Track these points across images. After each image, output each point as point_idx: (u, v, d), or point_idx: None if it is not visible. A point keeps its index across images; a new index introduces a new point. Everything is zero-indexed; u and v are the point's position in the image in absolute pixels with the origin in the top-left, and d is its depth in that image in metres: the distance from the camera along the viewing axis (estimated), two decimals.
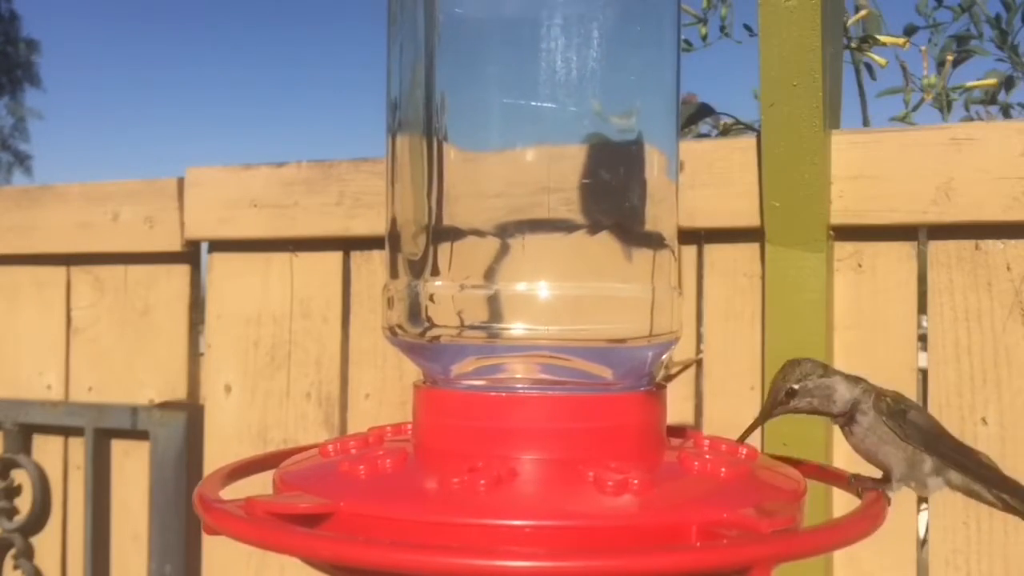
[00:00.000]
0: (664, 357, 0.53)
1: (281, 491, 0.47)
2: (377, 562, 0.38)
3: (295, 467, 0.50)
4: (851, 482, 0.53)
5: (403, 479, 0.46)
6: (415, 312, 0.50)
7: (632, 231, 0.51)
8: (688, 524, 0.41)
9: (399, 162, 0.51)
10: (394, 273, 0.51)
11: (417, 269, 0.50)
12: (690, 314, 0.93)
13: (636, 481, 0.43)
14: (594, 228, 0.50)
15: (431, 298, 0.49)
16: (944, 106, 1.37)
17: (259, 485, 0.51)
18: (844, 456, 0.86)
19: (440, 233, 0.50)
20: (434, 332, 0.50)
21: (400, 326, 0.51)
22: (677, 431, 0.56)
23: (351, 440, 0.51)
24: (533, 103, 0.49)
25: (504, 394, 0.48)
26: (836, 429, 0.86)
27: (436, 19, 0.51)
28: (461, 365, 0.50)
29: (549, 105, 0.49)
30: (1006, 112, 1.46)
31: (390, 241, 0.52)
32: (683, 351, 0.93)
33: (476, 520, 0.41)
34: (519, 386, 0.49)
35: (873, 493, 0.50)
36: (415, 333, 0.50)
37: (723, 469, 0.46)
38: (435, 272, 0.50)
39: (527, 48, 0.49)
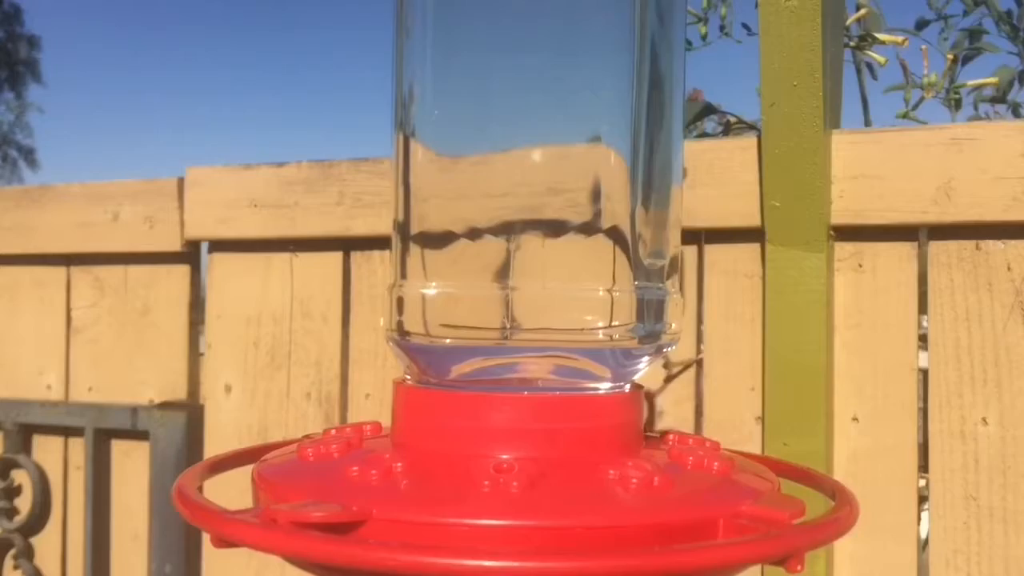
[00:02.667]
0: (661, 357, 0.53)
1: (269, 495, 0.45)
2: (439, 570, 0.36)
3: (285, 470, 0.48)
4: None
5: (425, 483, 0.44)
6: (420, 313, 0.50)
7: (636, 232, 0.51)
8: (715, 518, 0.42)
9: (409, 161, 0.51)
10: (402, 273, 0.51)
11: (422, 270, 0.50)
12: (690, 314, 0.93)
13: (656, 479, 0.43)
14: (595, 229, 0.50)
15: (436, 299, 0.49)
16: (951, 104, 1.36)
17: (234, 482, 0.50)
18: (844, 456, 0.86)
19: (445, 235, 0.49)
20: (440, 332, 0.49)
21: (404, 327, 0.51)
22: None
23: (332, 442, 0.49)
24: (534, 103, 0.49)
25: (512, 393, 0.48)
26: (837, 429, 0.86)
27: (427, 21, 0.51)
28: (465, 365, 0.49)
29: (554, 105, 0.49)
30: (1015, 111, 1.45)
31: (401, 241, 0.51)
32: (683, 351, 0.93)
33: (525, 522, 0.40)
34: (523, 386, 0.49)
35: (840, 487, 0.50)
36: (423, 334, 0.50)
37: (715, 464, 0.47)
38: (437, 273, 0.50)
39: (523, 48, 0.49)
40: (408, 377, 0.52)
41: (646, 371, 0.52)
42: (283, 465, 0.49)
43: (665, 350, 0.52)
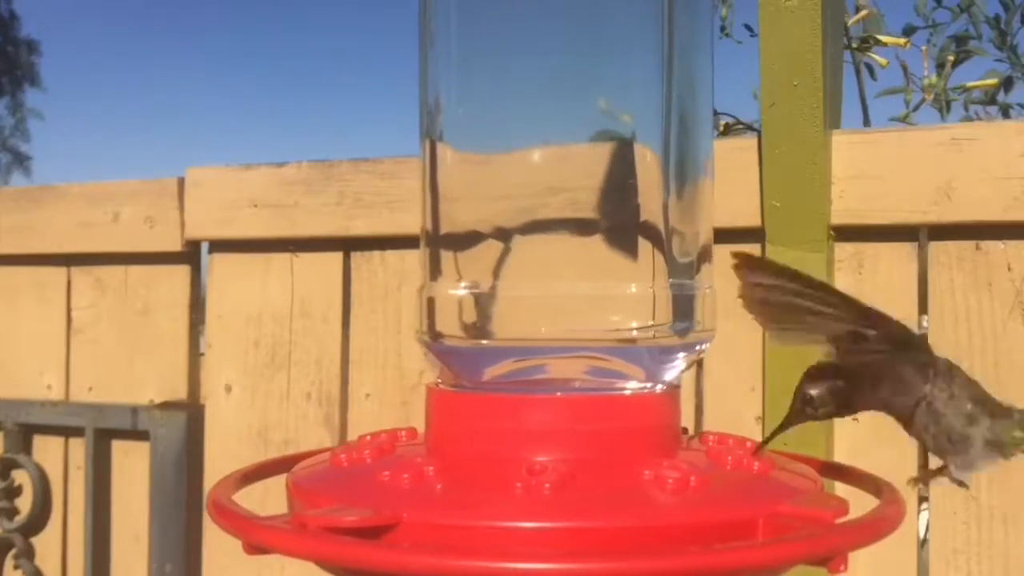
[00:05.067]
0: (697, 356, 0.52)
1: (302, 501, 0.45)
2: (470, 573, 0.36)
3: (318, 476, 0.48)
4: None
5: (457, 486, 0.44)
6: (453, 315, 0.49)
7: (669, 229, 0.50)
8: (754, 518, 0.42)
9: (437, 165, 0.51)
10: (432, 275, 0.51)
11: (454, 271, 0.50)
12: None
13: (693, 479, 0.43)
14: (627, 226, 0.49)
15: (468, 300, 0.49)
16: (943, 106, 1.37)
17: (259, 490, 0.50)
18: (845, 455, 0.86)
19: (476, 235, 0.49)
20: (473, 334, 0.49)
21: (436, 329, 0.50)
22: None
23: (365, 447, 0.49)
24: (562, 101, 0.49)
25: (546, 395, 0.47)
26: (837, 428, 0.86)
27: (452, 27, 0.51)
28: (498, 367, 0.49)
29: (585, 102, 0.49)
30: (1005, 112, 1.46)
31: (430, 243, 0.51)
32: None
33: (558, 524, 0.40)
34: (554, 387, 0.48)
35: (887, 486, 0.49)
36: (456, 336, 0.49)
37: (756, 464, 0.46)
38: (470, 274, 0.49)
39: (549, 48, 0.49)
40: (440, 381, 0.51)
41: (681, 369, 0.51)
42: (316, 472, 0.49)
43: (700, 347, 0.51)
